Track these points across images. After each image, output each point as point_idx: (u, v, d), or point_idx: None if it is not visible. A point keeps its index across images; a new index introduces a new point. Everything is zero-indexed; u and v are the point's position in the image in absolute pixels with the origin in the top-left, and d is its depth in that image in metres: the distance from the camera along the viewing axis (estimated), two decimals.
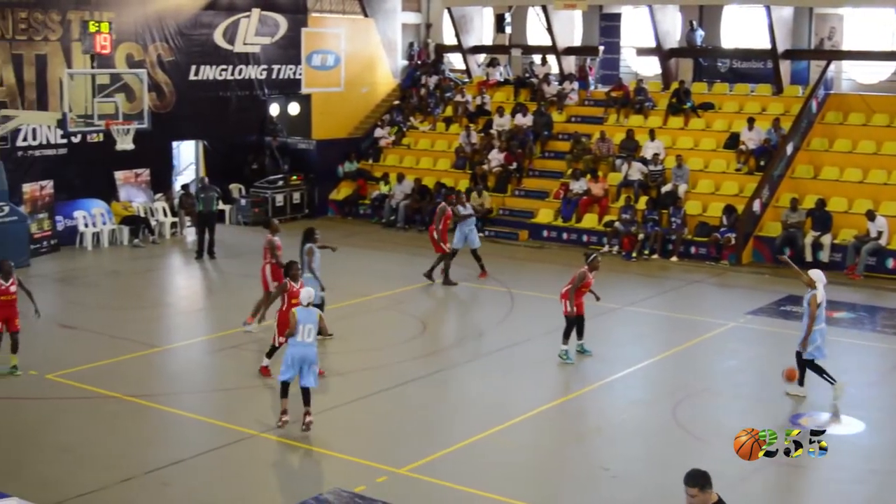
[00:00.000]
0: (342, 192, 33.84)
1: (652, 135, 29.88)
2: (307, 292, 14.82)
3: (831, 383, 16.00)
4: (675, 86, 31.80)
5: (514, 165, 31.36)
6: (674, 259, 26.89)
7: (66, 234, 27.59)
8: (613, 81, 33.52)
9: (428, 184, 31.78)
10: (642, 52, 34.70)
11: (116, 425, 14.85)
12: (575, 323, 17.88)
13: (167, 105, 30.66)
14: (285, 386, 14.59)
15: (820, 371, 16.12)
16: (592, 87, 34.64)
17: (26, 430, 14.54)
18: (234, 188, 32.47)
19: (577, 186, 29.44)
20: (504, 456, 13.89)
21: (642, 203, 28.12)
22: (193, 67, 31.42)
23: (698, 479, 8.14)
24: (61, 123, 23.98)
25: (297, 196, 32.79)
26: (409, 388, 16.67)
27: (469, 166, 32.19)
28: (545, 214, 29.70)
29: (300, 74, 34.49)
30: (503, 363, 18.09)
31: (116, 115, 23.91)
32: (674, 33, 33.51)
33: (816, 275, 16.35)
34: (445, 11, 37.34)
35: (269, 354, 16.93)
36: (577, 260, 24.37)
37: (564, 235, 28.95)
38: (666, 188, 28.37)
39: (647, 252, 27.12)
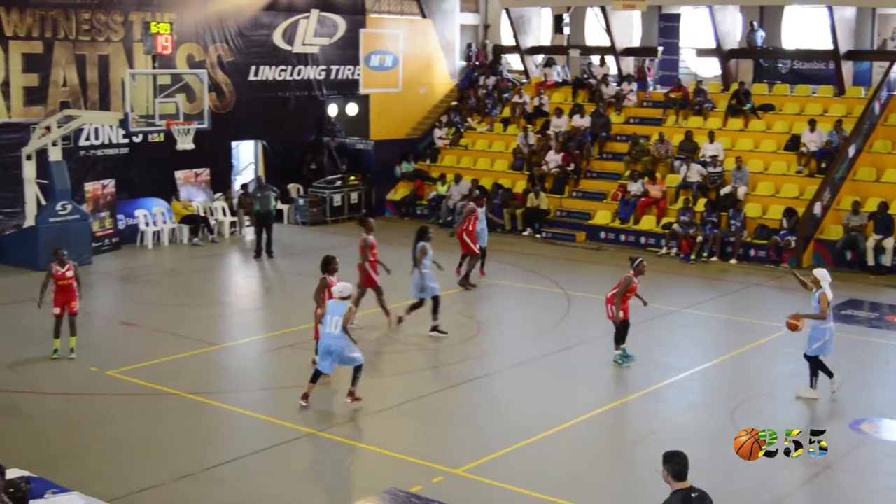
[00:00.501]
0: (399, 192, 33.93)
1: (711, 136, 29.64)
2: (341, 287, 15.44)
3: (829, 377, 16.18)
4: (734, 87, 31.52)
5: (572, 167, 31.27)
6: (733, 262, 26.66)
7: (127, 233, 27.93)
8: (672, 82, 33.30)
9: (485, 184, 31.77)
10: (702, 52, 34.49)
11: (174, 422, 15.00)
12: (623, 327, 17.76)
13: (227, 105, 30.93)
14: (317, 374, 15.37)
15: (821, 366, 16.22)
16: (651, 88, 34.45)
17: (86, 426, 14.73)
18: (293, 188, 32.68)
19: (635, 188, 29.29)
20: (560, 458, 13.84)
21: (701, 205, 27.91)
22: (253, 68, 31.67)
23: (666, 460, 8.65)
24: (123, 123, 24.25)
25: (354, 196, 32.92)
26: (465, 388, 16.67)
27: (526, 167, 32.14)
28: (603, 216, 29.58)
29: (358, 75, 34.66)
30: (560, 365, 18.03)
31: (177, 116, 24.14)
32: (734, 34, 33.24)
33: (821, 274, 16.38)
34: (503, 12, 37.33)
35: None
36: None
37: (622, 237, 28.81)
38: (725, 190, 28.13)
39: (705, 254, 26.91)
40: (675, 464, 8.72)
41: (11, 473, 10.50)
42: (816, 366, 16.19)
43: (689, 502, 8.54)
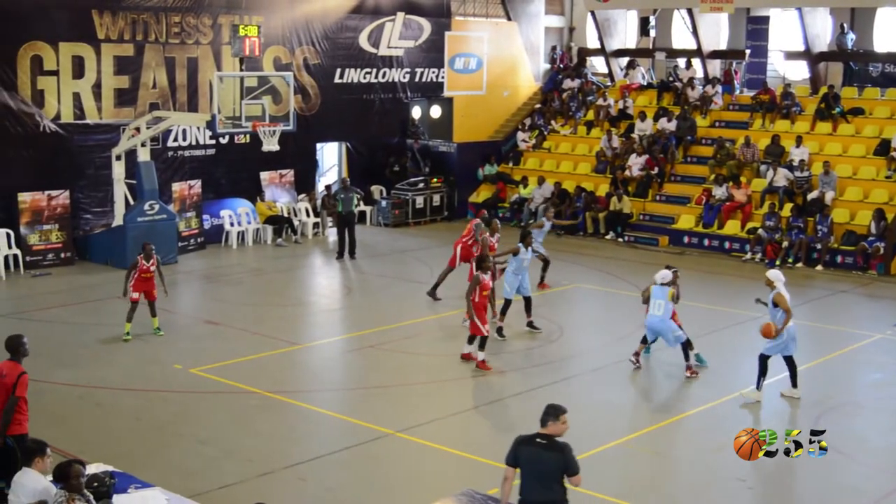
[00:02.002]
0: (482, 194, 33.95)
1: (798, 140, 29.20)
2: (663, 274, 17.31)
3: (757, 387, 16.00)
4: (823, 90, 31.04)
5: (656, 170, 31.03)
6: (819, 268, 26.23)
7: (213, 233, 28.30)
8: (760, 85, 32.87)
9: (568, 187, 31.67)
10: (791, 55, 34.01)
11: (256, 420, 15.17)
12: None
13: (312, 107, 31.22)
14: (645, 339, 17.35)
15: (763, 371, 16.06)
16: (738, 92, 34.03)
17: (170, 422, 14.96)
18: (375, 190, 32.87)
19: (720, 192, 28.98)
20: (639, 464, 13.75)
21: (787, 210, 27.51)
22: (338, 70, 31.93)
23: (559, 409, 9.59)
24: (210, 125, 24.58)
25: (436, 198, 33.01)
26: (545, 391, 16.61)
27: (609, 170, 31.97)
28: (686, 220, 29.31)
29: (443, 77, 34.76)
30: (641, 370, 17.90)
31: (263, 117, 24.39)
32: (824, 36, 32.72)
33: (774, 275, 16.35)
34: (589, 14, 37.18)
35: (482, 346, 17.52)
36: (718, 267, 24.11)
37: (706, 242, 28.51)
38: (812, 195, 27.70)
39: (791, 260, 26.52)
40: (545, 412, 9.66)
41: (95, 468, 10.74)
42: (760, 366, 16.08)
43: (530, 441, 9.57)
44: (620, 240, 29.67)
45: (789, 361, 16.16)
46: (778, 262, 26.32)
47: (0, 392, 11.55)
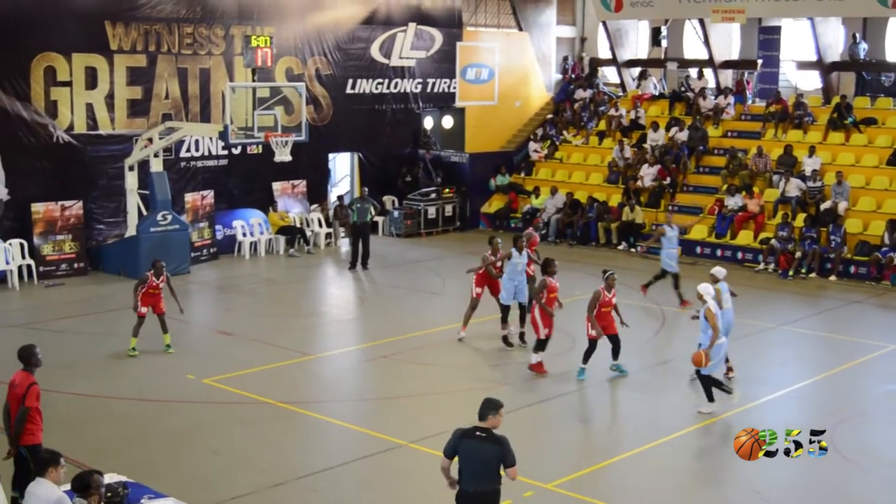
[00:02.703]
0: (493, 205, 33.95)
1: (811, 151, 29.14)
2: (716, 269, 17.55)
3: (710, 400, 15.86)
4: (836, 100, 30.99)
5: (668, 180, 31.00)
6: (832, 278, 26.16)
7: (225, 243, 28.34)
8: (772, 95, 32.82)
9: (580, 198, 31.65)
10: (803, 65, 33.98)
11: (269, 430, 15.17)
12: (594, 346, 17.42)
13: (324, 118, 31.27)
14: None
15: (718, 384, 15.92)
16: (750, 102, 34.00)
17: (183, 433, 14.98)
18: (388, 200, 32.89)
19: (733, 202, 28.93)
20: (654, 475, 13.70)
21: (800, 220, 27.45)
22: (350, 81, 31.98)
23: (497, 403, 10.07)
24: (223, 135, 24.62)
25: (448, 209, 33.02)
26: (558, 402, 16.60)
27: (622, 181, 31.94)
28: (699, 230, 29.25)
29: (454, 88, 34.80)
30: (653, 380, 17.87)
31: (275, 128, 24.43)
32: (836, 46, 32.68)
33: (703, 288, 16.10)
34: (600, 25, 37.19)
35: (540, 348, 17.85)
36: (731, 277, 23.95)
37: (718, 252, 28.43)
38: (825, 205, 27.64)
39: (804, 270, 26.44)
40: (483, 407, 10.10)
41: (109, 478, 10.73)
42: (712, 384, 15.87)
43: (470, 434, 9.94)
44: (633, 250, 29.62)
45: (707, 379, 15.94)
46: (791, 273, 26.30)
47: (12, 402, 11.59)
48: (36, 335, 19.15)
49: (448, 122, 35.09)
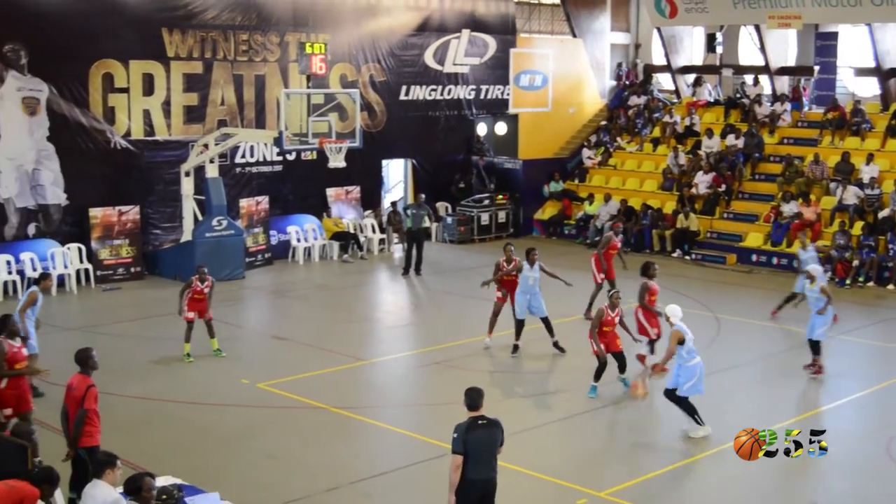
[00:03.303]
0: (547, 211, 33.88)
1: (869, 158, 28.80)
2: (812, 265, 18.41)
3: (699, 424, 15.04)
4: (894, 107, 30.61)
5: (723, 187, 30.76)
6: (890, 287, 25.81)
7: (279, 248, 28.52)
8: (829, 102, 32.48)
9: (634, 205, 31.51)
10: (860, 71, 33.56)
11: (322, 435, 15.21)
12: (602, 364, 17.00)
13: (378, 124, 31.38)
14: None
15: (692, 411, 15.09)
16: (806, 108, 33.67)
17: (238, 437, 15.06)
18: (441, 206, 32.92)
19: (789, 210, 28.64)
20: (708, 484, 13.60)
21: (858, 228, 27.12)
22: (404, 87, 32.08)
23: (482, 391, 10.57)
24: (277, 141, 24.76)
25: (502, 215, 33.00)
26: (612, 410, 16.52)
27: (676, 188, 31.74)
28: (754, 238, 28.99)
29: (508, 94, 34.75)
30: (709, 389, 17.67)
31: (330, 134, 24.53)
32: (894, 52, 32.24)
33: (672, 310, 15.32)
34: (655, 31, 37.01)
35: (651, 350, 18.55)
36: (787, 286, 23.78)
37: (774, 260, 28.16)
38: (883, 213, 27.28)
39: (861, 279, 26.12)
40: (469, 397, 10.54)
41: (164, 481, 10.82)
42: (685, 409, 15.14)
43: (474, 425, 10.31)
44: (687, 258, 29.44)
45: (683, 402, 15.23)
46: (848, 282, 25.98)
47: (70, 405, 11.72)
48: (93, 338, 19.37)
49: (501, 128, 35.06)
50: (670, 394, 15.25)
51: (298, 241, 28.71)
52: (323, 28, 29.59)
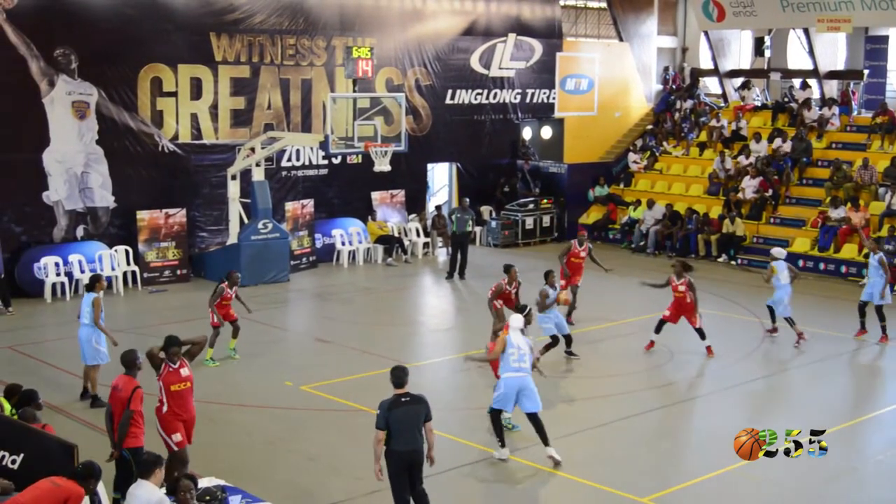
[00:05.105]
0: (592, 216, 33.79)
1: None
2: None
3: (500, 444, 14.26)
4: None
5: (770, 192, 30.52)
6: None
7: (324, 252, 28.65)
8: (878, 106, 32.15)
9: (679, 209, 31.35)
10: None
11: (365, 438, 15.13)
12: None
13: (423, 128, 31.45)
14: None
15: (499, 429, 14.27)
16: (855, 113, 33.35)
17: (281, 438, 15.14)
18: (485, 210, 32.92)
19: (837, 215, 28.37)
20: (750, 491, 13.49)
21: None
22: (450, 91, 32.12)
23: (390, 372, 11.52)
24: (323, 145, 24.86)
25: (546, 219, 32.95)
26: (653, 416, 16.44)
27: (722, 192, 31.54)
28: (801, 243, 28.75)
29: (553, 98, 34.72)
30: (753, 395, 17.60)
31: (375, 138, 24.59)
32: None
33: (515, 321, 14.55)
34: (702, 35, 36.83)
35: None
36: (835, 291, 23.57)
37: (821, 266, 27.90)
38: None
39: None
40: (394, 375, 11.46)
41: (208, 482, 10.91)
42: (493, 424, 14.37)
43: (397, 402, 11.23)
44: (733, 263, 29.24)
45: (494, 418, 14.43)
46: None
47: (116, 406, 11.84)
48: (140, 340, 19.51)
49: (547, 132, 35.02)
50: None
51: (343, 244, 28.82)
52: (369, 32, 29.70)
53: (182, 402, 12.35)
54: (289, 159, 28.66)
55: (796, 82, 35.56)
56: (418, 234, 30.54)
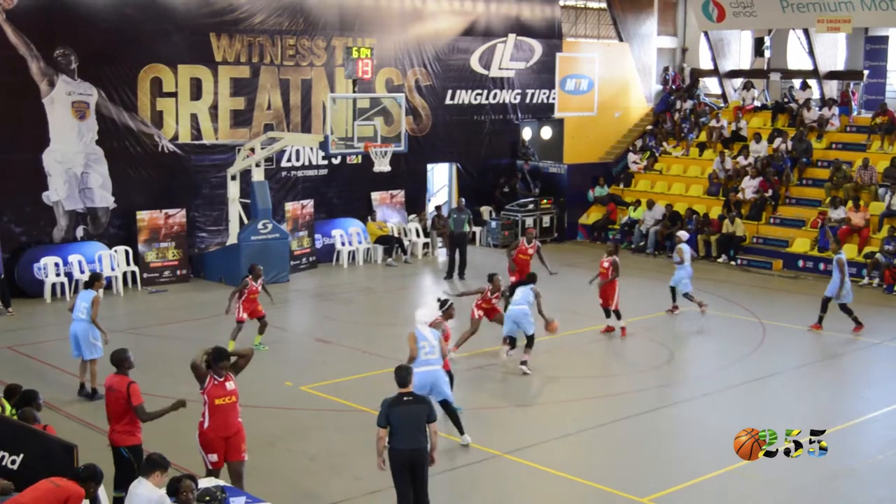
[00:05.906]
0: (592, 216, 33.79)
1: None
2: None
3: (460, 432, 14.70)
4: None
5: (770, 192, 30.52)
6: None
7: (324, 252, 28.65)
8: (878, 107, 32.16)
9: (679, 210, 31.35)
10: None
11: (365, 438, 15.18)
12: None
13: (423, 128, 31.45)
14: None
15: (456, 419, 14.71)
16: (855, 113, 33.35)
17: (281, 438, 15.14)
18: (485, 210, 32.92)
19: (836, 215, 28.38)
20: (750, 491, 13.49)
21: None
22: (449, 92, 32.12)
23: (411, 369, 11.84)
24: (323, 145, 24.85)
25: (546, 220, 32.94)
26: (653, 416, 16.44)
27: (722, 193, 31.54)
28: (801, 243, 28.76)
29: (553, 99, 34.73)
30: (752, 395, 17.60)
31: (375, 138, 24.57)
32: None
33: (420, 314, 15.13)
34: (702, 35, 36.84)
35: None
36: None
37: (821, 266, 27.87)
38: None
39: None
40: (399, 375, 11.59)
41: (207, 482, 10.90)
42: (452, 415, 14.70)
43: (399, 401, 11.34)
44: (733, 263, 29.24)
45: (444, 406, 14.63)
46: None
47: (116, 404, 11.83)
48: (139, 340, 19.59)
49: (547, 132, 35.02)
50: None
51: (343, 244, 28.83)
52: (369, 32, 29.70)
53: (225, 417, 11.90)
54: (289, 160, 28.66)
55: (796, 82, 35.57)
56: (418, 235, 30.54)
